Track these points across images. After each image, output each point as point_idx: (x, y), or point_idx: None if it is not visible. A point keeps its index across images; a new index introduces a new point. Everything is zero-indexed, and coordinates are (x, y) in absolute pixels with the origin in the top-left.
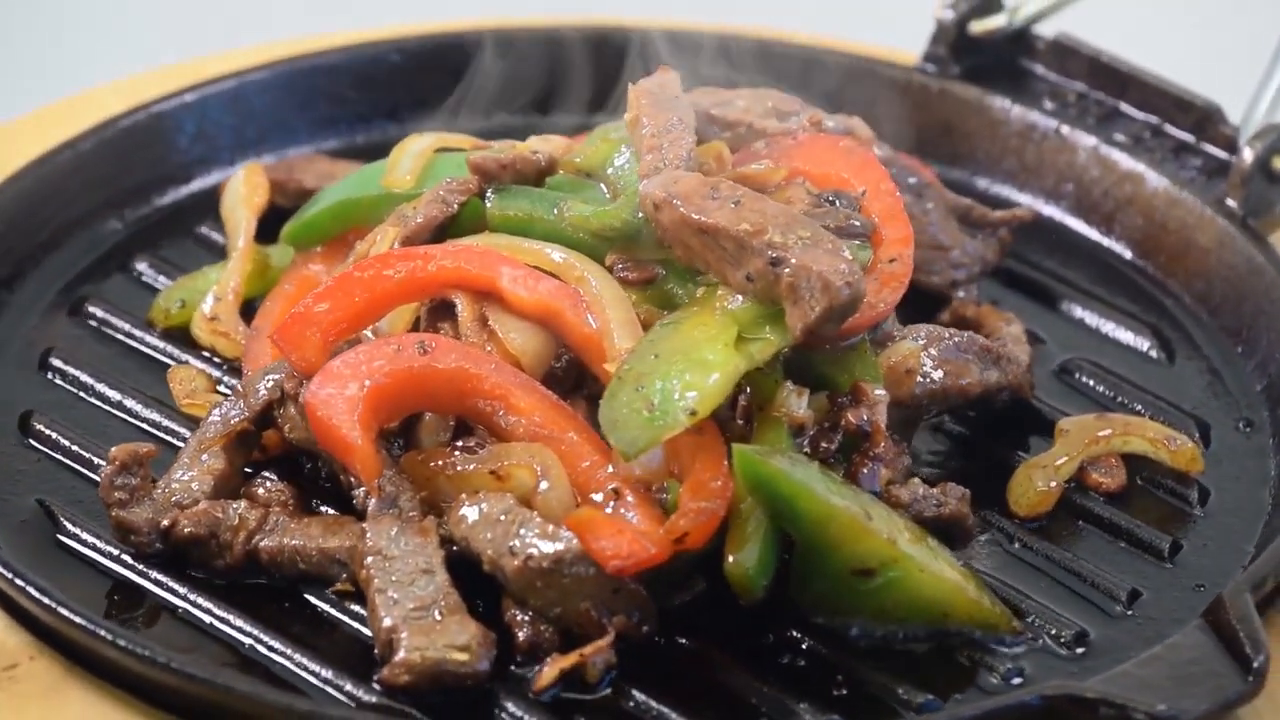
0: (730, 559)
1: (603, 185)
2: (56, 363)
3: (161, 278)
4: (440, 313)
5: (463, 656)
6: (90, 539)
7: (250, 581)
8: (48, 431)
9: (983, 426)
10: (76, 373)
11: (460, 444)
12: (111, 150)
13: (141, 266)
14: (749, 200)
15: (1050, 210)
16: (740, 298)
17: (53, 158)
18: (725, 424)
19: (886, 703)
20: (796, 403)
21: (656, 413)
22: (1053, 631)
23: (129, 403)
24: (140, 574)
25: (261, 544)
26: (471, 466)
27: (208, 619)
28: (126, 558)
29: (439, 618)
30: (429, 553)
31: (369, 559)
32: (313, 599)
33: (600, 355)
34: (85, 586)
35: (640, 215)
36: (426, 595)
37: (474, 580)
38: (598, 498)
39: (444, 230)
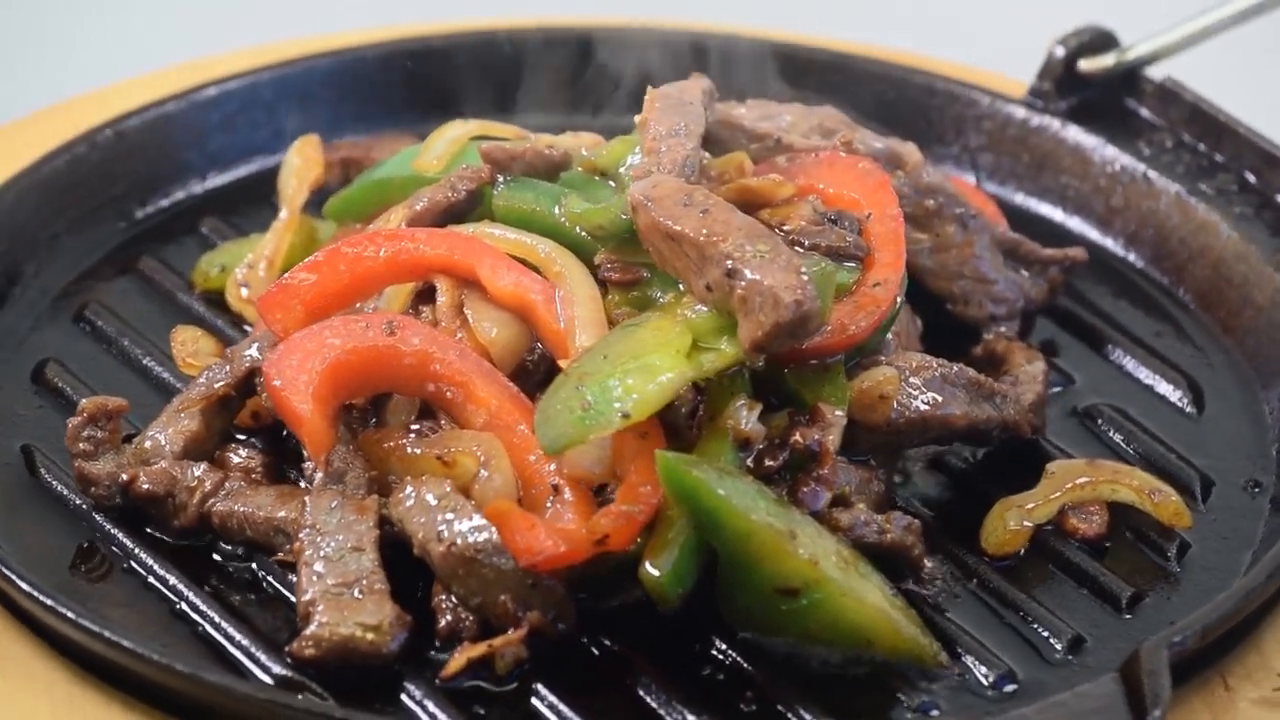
0: (644, 565)
1: (612, 184)
2: (90, 314)
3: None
4: (426, 296)
5: (371, 636)
6: (61, 489)
7: (204, 544)
8: (57, 381)
9: (985, 463)
10: (106, 326)
11: (416, 426)
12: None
13: (206, 231)
14: (717, 210)
15: (1130, 255)
16: (702, 307)
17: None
18: (681, 432)
19: None
20: (745, 416)
21: (591, 412)
22: (982, 670)
23: (148, 361)
24: (97, 527)
25: (215, 508)
26: (420, 450)
27: (148, 576)
28: (90, 510)
29: (358, 596)
30: (362, 531)
31: (304, 532)
32: (257, 567)
33: (565, 352)
34: (44, 535)
35: (626, 216)
36: (351, 573)
37: (422, 564)
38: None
39: (451, 215)
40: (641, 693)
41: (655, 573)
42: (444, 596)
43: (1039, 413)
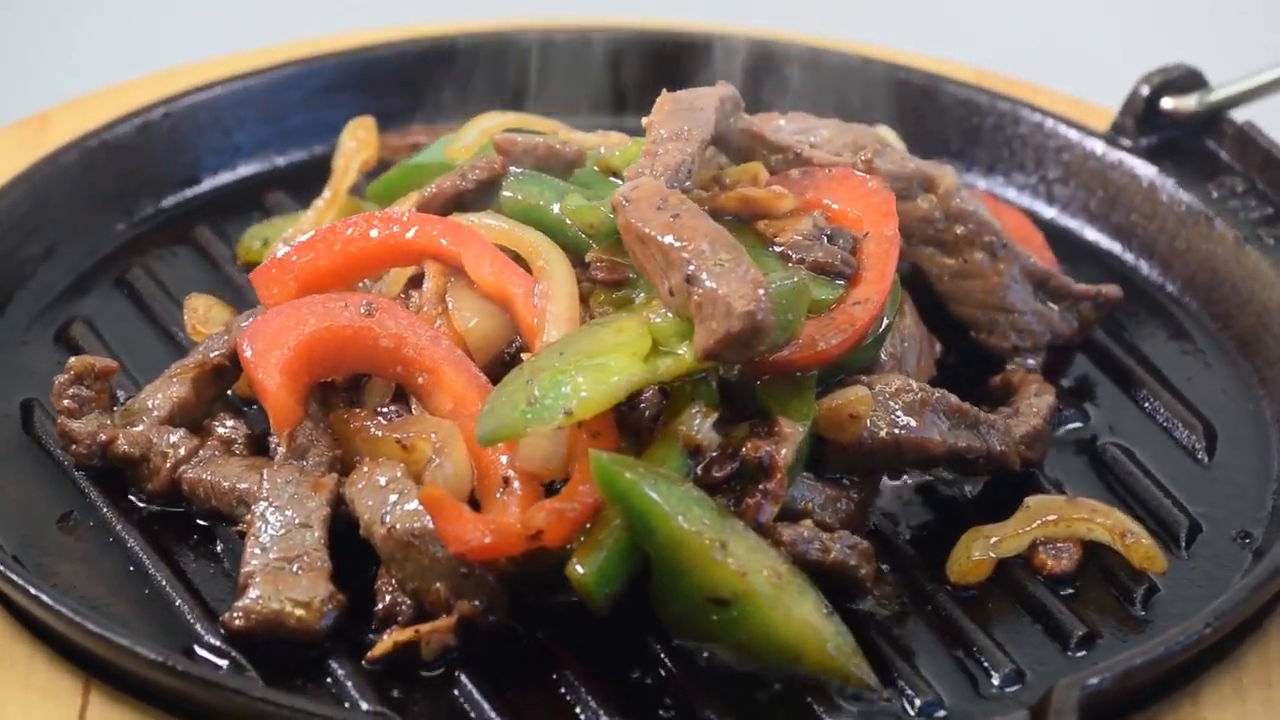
0: (572, 563)
1: (619, 184)
2: (131, 278)
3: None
4: (418, 281)
5: (300, 613)
6: (49, 445)
7: (179, 512)
8: (79, 340)
9: (977, 492)
10: (143, 290)
11: (385, 409)
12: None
13: (269, 205)
14: (688, 216)
15: (1186, 298)
16: (667, 311)
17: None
18: (643, 435)
19: None
20: (699, 424)
21: (535, 407)
22: (910, 696)
23: (174, 327)
24: (73, 484)
25: (185, 474)
26: (382, 432)
27: (109, 536)
28: (71, 468)
29: (296, 572)
30: (312, 508)
31: (257, 505)
32: (220, 538)
33: (535, 346)
34: (25, 488)
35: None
36: (294, 549)
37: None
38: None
39: (460, 203)
40: (563, 690)
41: (581, 571)
42: (386, 580)
43: (1034, 446)
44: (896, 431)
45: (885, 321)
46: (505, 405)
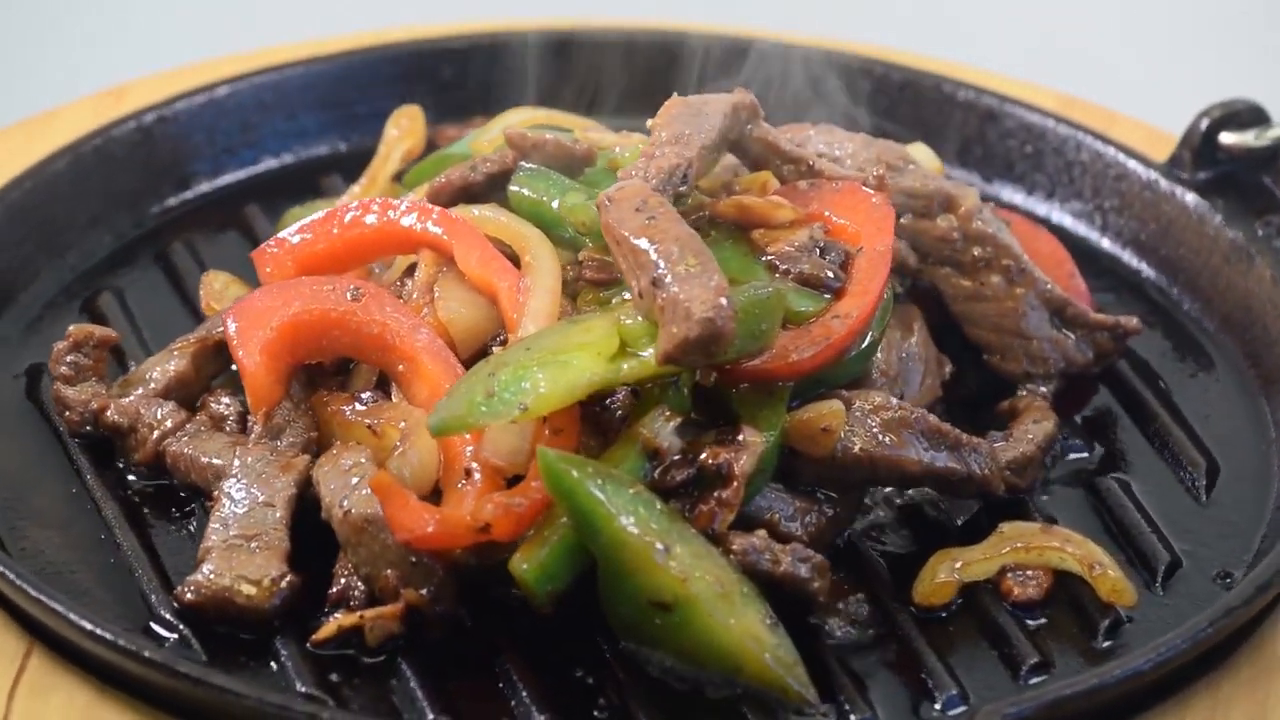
0: (515, 558)
1: None
2: (171, 252)
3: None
4: (414, 269)
5: (250, 590)
6: (49, 411)
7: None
8: (104, 308)
9: (969, 516)
10: (180, 264)
11: (364, 395)
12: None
13: (323, 186)
14: (663, 219)
15: (1224, 335)
16: (639, 314)
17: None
18: (612, 435)
19: None
20: (660, 427)
21: (491, 400)
22: (848, 712)
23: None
24: (65, 450)
25: (169, 447)
26: (355, 417)
27: (88, 504)
28: (66, 435)
29: (253, 550)
30: (278, 488)
31: (225, 481)
32: (198, 512)
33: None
34: (13, 451)
35: None
36: (254, 527)
37: None
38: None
39: (467, 194)
40: (501, 684)
41: (523, 567)
42: (343, 564)
43: (1023, 472)
44: (872, 448)
45: (871, 337)
46: (463, 396)
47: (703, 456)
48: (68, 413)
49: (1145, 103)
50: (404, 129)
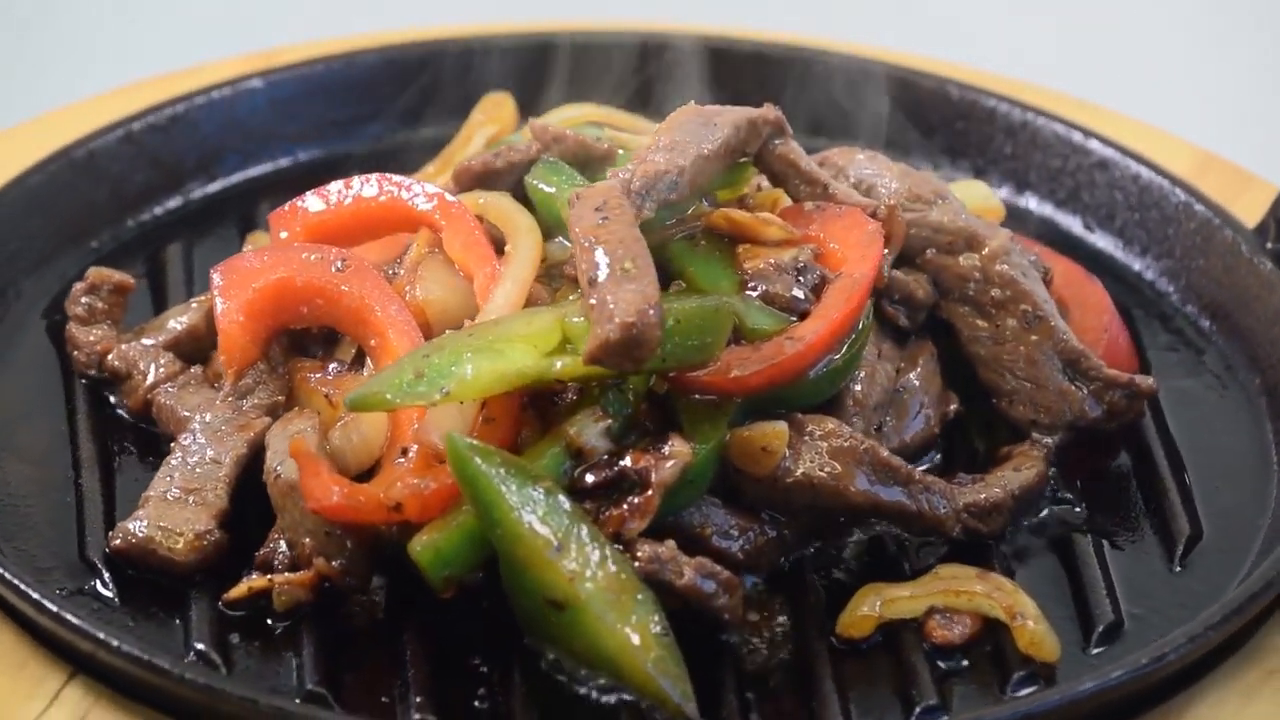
0: (413, 539)
1: None
2: (257, 213)
3: None
4: None
5: (170, 543)
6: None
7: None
8: (166, 260)
9: (934, 558)
10: (261, 226)
11: (336, 365)
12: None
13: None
14: (615, 221)
15: (1260, 400)
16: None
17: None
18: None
19: None
20: (587, 428)
21: (418, 380)
22: None
23: None
24: (69, 389)
25: (157, 397)
26: (315, 385)
27: (67, 441)
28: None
29: (189, 504)
30: (229, 446)
31: (184, 434)
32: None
33: None
34: (20, 385)
35: None
36: (196, 482)
37: None
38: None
39: (486, 181)
40: (391, 664)
41: (417, 548)
42: (278, 528)
43: (988, 518)
44: (815, 474)
45: (833, 362)
46: (392, 375)
47: (625, 462)
48: (76, 352)
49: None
50: (489, 115)
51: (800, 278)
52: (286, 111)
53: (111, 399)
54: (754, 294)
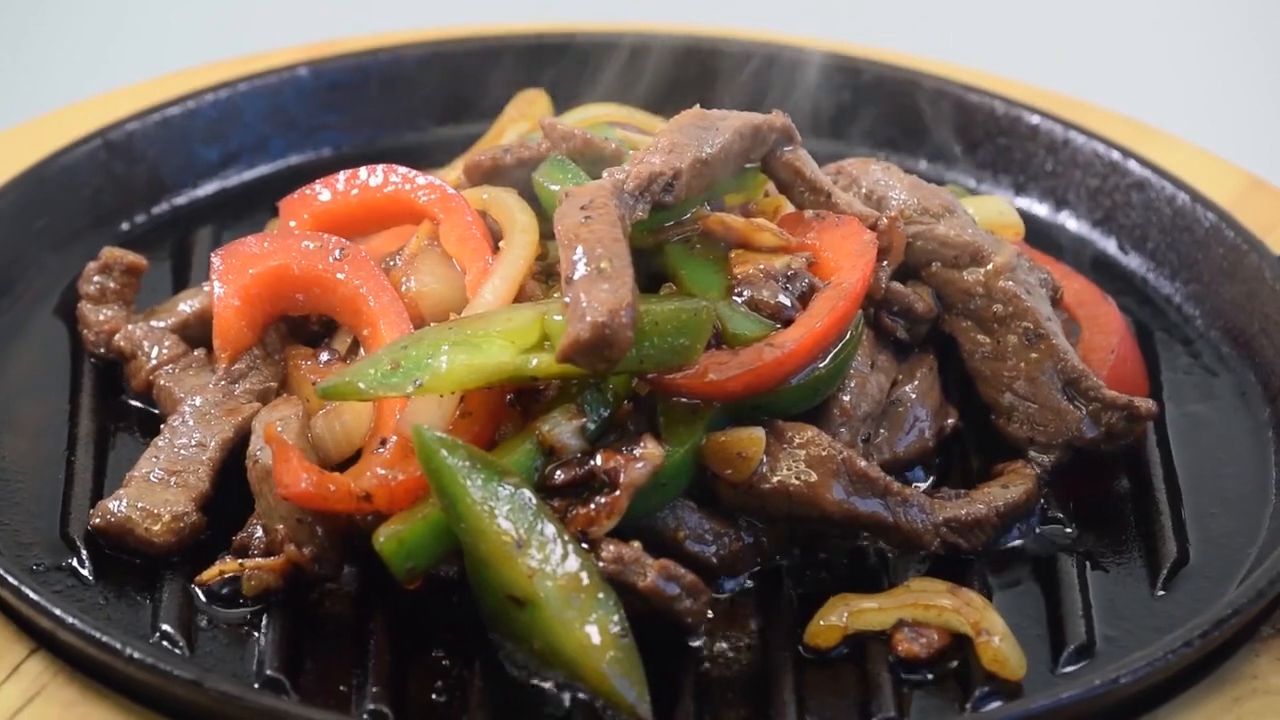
0: (377, 530)
1: None
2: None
3: None
4: None
5: (148, 524)
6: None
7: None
8: (195, 244)
9: (922, 570)
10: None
11: (330, 352)
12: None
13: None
14: (598, 221)
15: (1268, 431)
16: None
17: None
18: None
19: None
20: (560, 426)
21: (393, 371)
22: None
23: None
24: (77, 368)
25: (157, 379)
26: (304, 372)
27: (67, 418)
28: (87, 351)
29: (170, 486)
30: (215, 430)
31: (174, 416)
32: None
33: None
34: (31, 362)
35: None
36: (180, 464)
37: None
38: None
39: (495, 176)
40: (354, 654)
41: (380, 538)
42: (258, 513)
43: (969, 534)
44: (791, 481)
45: (816, 371)
46: (369, 364)
47: (596, 461)
48: (85, 331)
49: None
50: (522, 110)
51: (788, 285)
52: (331, 102)
53: (119, 380)
54: (740, 299)
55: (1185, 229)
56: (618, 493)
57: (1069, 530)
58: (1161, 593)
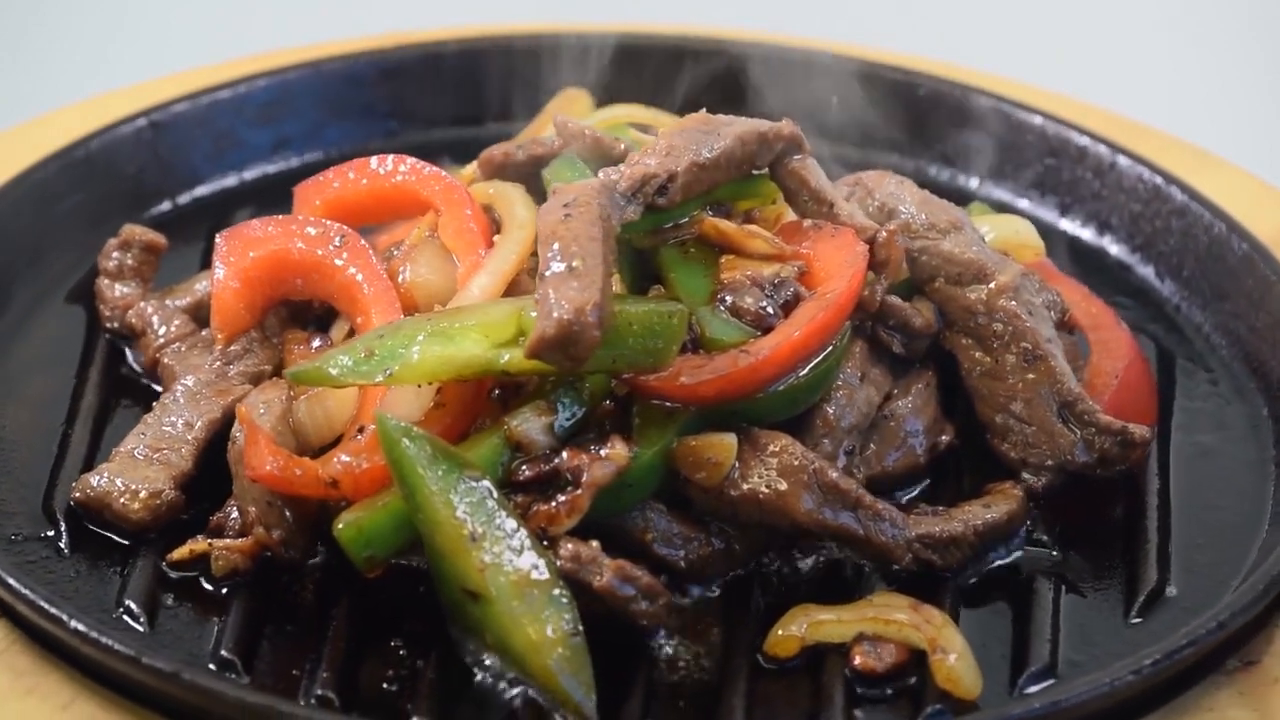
0: (337, 517)
1: None
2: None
3: None
4: None
5: (124, 500)
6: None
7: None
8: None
9: (896, 585)
10: None
11: (315, 339)
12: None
13: None
14: (577, 219)
15: (1270, 465)
16: None
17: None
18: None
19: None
20: (529, 422)
21: (366, 359)
22: None
23: None
24: (89, 341)
25: (163, 357)
26: (295, 356)
27: (73, 390)
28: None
29: (152, 463)
30: (203, 411)
31: (165, 394)
32: None
33: None
34: (50, 334)
35: None
36: (165, 442)
37: None
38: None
39: (508, 172)
40: (311, 640)
41: (339, 525)
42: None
43: (944, 551)
44: (761, 490)
45: (793, 380)
46: (344, 351)
47: (561, 458)
48: (101, 306)
49: None
50: (563, 108)
51: (773, 293)
52: (390, 92)
53: (130, 357)
54: (723, 305)
55: (1219, 258)
56: (579, 491)
57: (1054, 553)
58: (1137, 620)
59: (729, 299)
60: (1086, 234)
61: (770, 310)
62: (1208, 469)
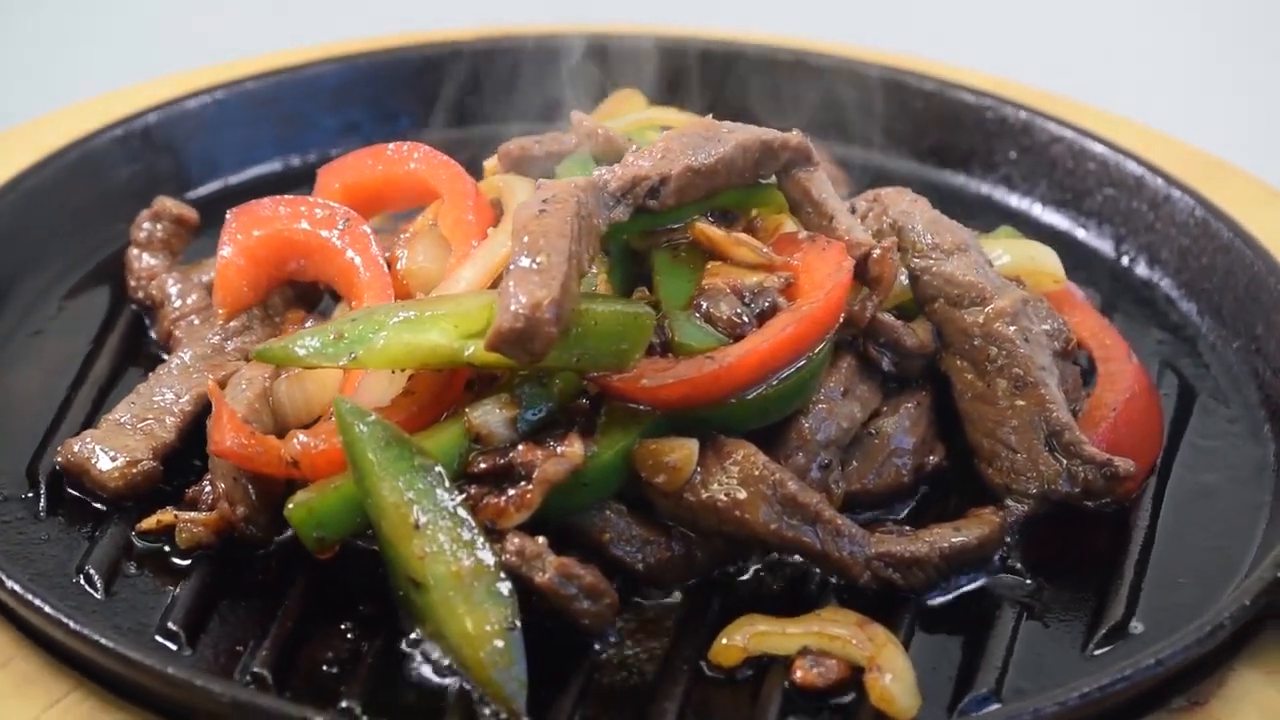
0: (289, 498)
1: None
2: None
3: None
4: None
5: (102, 467)
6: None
7: None
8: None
9: (863, 602)
10: None
11: (309, 319)
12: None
13: None
14: (552, 216)
15: (1264, 509)
16: None
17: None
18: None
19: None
20: (489, 414)
21: (335, 342)
22: None
23: None
24: (112, 309)
25: (176, 329)
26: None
27: (85, 357)
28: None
29: (134, 432)
30: (193, 384)
31: (161, 366)
32: None
33: None
34: (77, 302)
35: None
36: (153, 412)
37: None
38: None
39: (524, 166)
40: (262, 620)
41: (290, 505)
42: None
43: (906, 571)
44: (719, 498)
45: (762, 391)
46: (314, 333)
47: (517, 452)
48: (129, 277)
49: None
50: (615, 108)
51: (750, 302)
52: (430, 91)
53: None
54: (699, 311)
55: (1254, 298)
56: (530, 487)
57: (1028, 581)
58: (1098, 653)
59: (705, 305)
60: (1140, 266)
61: (745, 319)
62: (1204, 509)
